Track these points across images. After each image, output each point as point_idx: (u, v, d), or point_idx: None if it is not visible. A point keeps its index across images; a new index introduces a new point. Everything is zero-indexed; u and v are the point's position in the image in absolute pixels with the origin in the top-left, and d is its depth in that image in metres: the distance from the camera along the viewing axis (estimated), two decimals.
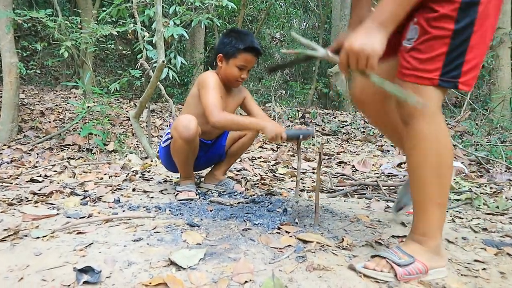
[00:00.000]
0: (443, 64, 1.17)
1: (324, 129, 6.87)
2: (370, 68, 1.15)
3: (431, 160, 1.23)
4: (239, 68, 2.21)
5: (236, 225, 1.62)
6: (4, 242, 1.43)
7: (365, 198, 2.35)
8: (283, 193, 2.34)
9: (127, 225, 1.63)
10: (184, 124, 2.10)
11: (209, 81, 2.17)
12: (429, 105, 1.19)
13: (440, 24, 1.15)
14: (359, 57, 1.14)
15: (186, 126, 2.08)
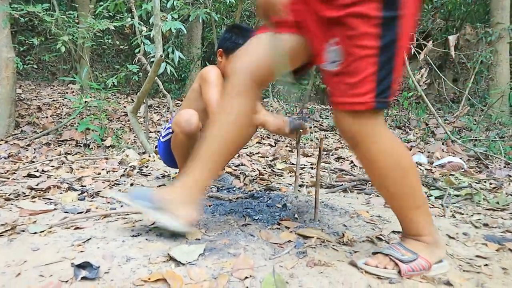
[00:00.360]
0: (375, 85, 1.10)
1: (322, 125, 6.86)
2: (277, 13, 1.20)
3: (393, 175, 1.20)
4: None
5: (235, 220, 1.60)
6: (1, 237, 1.41)
7: (365, 193, 2.34)
8: (282, 189, 2.33)
9: (125, 220, 1.61)
10: (186, 118, 2.08)
11: (211, 76, 2.15)
12: (372, 128, 1.16)
13: (364, 43, 1.08)
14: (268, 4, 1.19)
15: (188, 121, 2.07)
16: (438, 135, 5.85)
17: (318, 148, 1.61)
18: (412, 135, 6.01)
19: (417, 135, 5.99)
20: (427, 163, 3.91)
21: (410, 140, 5.67)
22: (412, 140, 5.65)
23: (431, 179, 2.79)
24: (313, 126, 6.59)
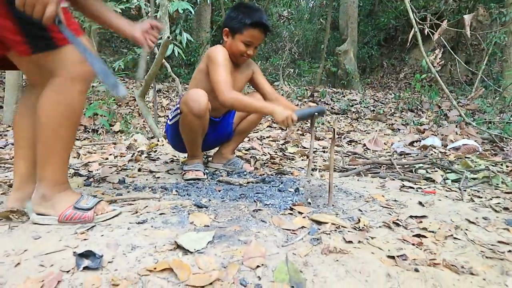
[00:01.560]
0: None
1: (333, 108, 6.73)
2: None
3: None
4: (245, 44, 2.11)
5: (246, 205, 1.53)
6: (3, 226, 1.36)
7: (379, 177, 2.25)
8: (294, 172, 2.25)
9: (131, 207, 1.56)
10: (195, 98, 2.00)
11: (218, 56, 2.07)
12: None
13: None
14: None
15: (197, 100, 1.99)
16: (451, 118, 5.71)
17: (332, 130, 1.52)
18: (425, 118, 5.86)
19: (430, 118, 5.84)
20: (441, 146, 3.79)
21: (423, 123, 5.53)
22: (425, 123, 5.52)
23: (446, 162, 2.69)
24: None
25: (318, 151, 3.59)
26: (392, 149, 3.61)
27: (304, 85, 8.75)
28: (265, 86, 2.38)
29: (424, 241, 1.28)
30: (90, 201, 1.42)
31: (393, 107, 6.81)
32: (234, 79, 2.20)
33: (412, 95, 7.14)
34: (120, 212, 1.46)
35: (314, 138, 4.26)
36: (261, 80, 2.38)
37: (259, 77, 2.37)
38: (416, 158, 2.77)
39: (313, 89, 7.77)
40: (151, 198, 1.68)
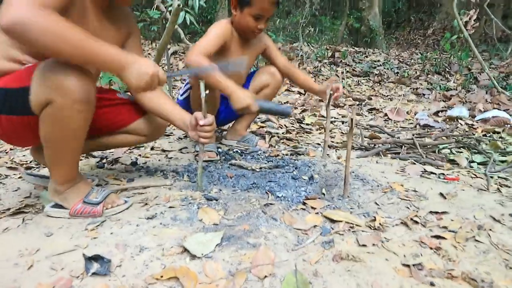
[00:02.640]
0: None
1: (354, 70, 6.50)
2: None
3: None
4: (255, 18, 1.98)
5: (257, 198, 1.49)
6: (17, 219, 1.37)
7: (399, 159, 2.17)
8: (309, 153, 2.18)
9: (141, 197, 1.54)
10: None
11: (211, 29, 1.99)
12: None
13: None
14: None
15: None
16: (481, 82, 5.42)
17: (350, 120, 1.43)
18: (453, 82, 5.60)
19: (458, 82, 5.58)
20: (469, 117, 3.62)
21: (450, 87, 5.29)
22: (452, 88, 5.27)
23: (473, 140, 2.56)
24: (345, 72, 6.25)
25: (337, 121, 3.49)
26: (416, 120, 3.47)
27: (325, 44, 8.43)
28: (278, 59, 2.31)
29: (443, 244, 1.22)
30: (100, 195, 1.41)
31: (419, 69, 6.53)
32: (242, 55, 2.11)
33: (440, 55, 6.80)
34: (130, 204, 1.45)
35: (333, 106, 4.16)
36: (274, 53, 2.29)
37: (272, 52, 2.28)
38: (439, 135, 2.64)
39: (334, 49, 7.49)
40: (162, 185, 1.66)
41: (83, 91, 1.16)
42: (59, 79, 1.12)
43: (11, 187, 1.71)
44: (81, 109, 1.19)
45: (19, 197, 1.60)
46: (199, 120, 1.44)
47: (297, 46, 7.51)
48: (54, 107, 1.17)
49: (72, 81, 1.13)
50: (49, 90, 1.14)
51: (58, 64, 1.13)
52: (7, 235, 1.27)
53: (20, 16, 0.99)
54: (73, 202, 1.39)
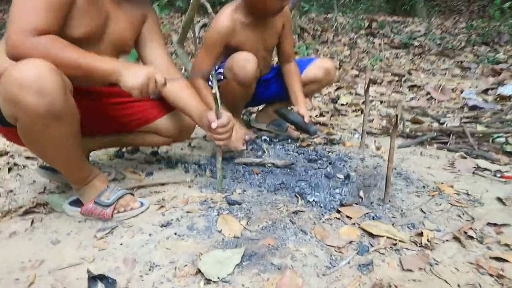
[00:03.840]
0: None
1: (393, 42, 6.08)
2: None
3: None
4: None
5: (285, 202, 1.32)
6: (26, 220, 1.27)
7: (447, 150, 1.92)
8: (345, 143, 1.97)
9: (158, 197, 1.40)
10: (241, 65, 1.74)
11: (206, 36, 1.82)
12: None
13: None
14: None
15: (244, 68, 1.73)
16: None
17: (395, 117, 1.22)
18: (503, 54, 5.12)
19: (509, 54, 5.09)
20: None
21: (500, 60, 4.83)
22: (503, 60, 4.81)
23: None
24: (382, 43, 5.86)
25: (375, 100, 3.22)
26: (462, 100, 3.16)
27: (361, 13, 7.95)
28: (286, 46, 2.02)
29: (506, 270, 1.02)
30: (113, 195, 1.28)
31: (464, 39, 6.03)
32: (259, 39, 1.87)
33: (488, 24, 6.24)
34: (147, 207, 1.32)
35: (371, 83, 3.87)
36: (285, 36, 1.99)
37: (284, 32, 1.98)
38: (492, 122, 2.35)
39: (370, 19, 7.03)
40: (182, 182, 1.52)
41: (43, 106, 0.98)
42: (15, 94, 0.97)
43: (27, 180, 1.63)
44: (46, 124, 1.03)
45: (34, 192, 1.51)
46: (211, 123, 1.27)
47: (331, 17, 7.10)
48: (20, 123, 1.04)
49: (28, 96, 0.96)
50: (9, 105, 1.01)
51: (16, 74, 0.96)
52: (14, 241, 1.18)
53: (15, 49, 1.02)
54: (87, 199, 1.28)
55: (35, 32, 1.02)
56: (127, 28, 1.34)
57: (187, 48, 5.00)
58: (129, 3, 1.35)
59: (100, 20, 1.23)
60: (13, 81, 0.96)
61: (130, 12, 1.35)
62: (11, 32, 1.02)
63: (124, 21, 1.32)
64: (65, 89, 1.04)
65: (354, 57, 5.36)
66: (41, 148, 1.13)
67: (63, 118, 1.04)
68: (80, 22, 1.16)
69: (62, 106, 1.02)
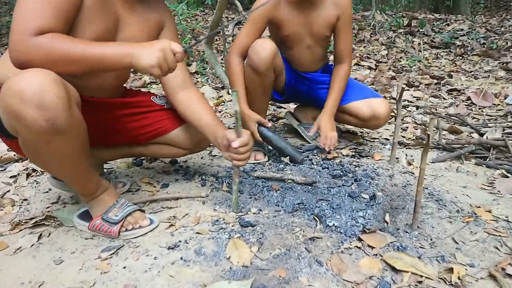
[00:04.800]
0: None
1: (433, 41, 5.79)
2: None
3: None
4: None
5: (302, 226, 1.23)
6: (34, 234, 1.24)
7: (486, 166, 1.75)
8: (374, 156, 1.84)
9: (169, 213, 1.34)
10: (257, 48, 1.65)
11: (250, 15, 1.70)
12: None
13: None
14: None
15: (258, 51, 1.65)
16: None
17: (426, 135, 1.10)
18: None
19: None
20: None
21: None
22: None
23: None
24: (422, 43, 5.58)
25: (410, 105, 3.05)
26: (506, 106, 2.93)
27: (401, 11, 7.63)
28: (339, 44, 1.85)
29: None
30: (121, 212, 1.23)
31: (511, 38, 5.65)
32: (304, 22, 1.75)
33: None
34: (156, 226, 1.26)
35: (407, 85, 3.67)
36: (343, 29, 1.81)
37: (341, 27, 1.80)
38: None
39: (410, 17, 6.73)
40: (196, 197, 1.45)
41: (43, 120, 0.92)
42: (15, 109, 0.91)
43: (43, 188, 1.62)
44: (48, 140, 0.97)
45: (47, 202, 1.50)
46: (231, 142, 1.20)
47: (369, 15, 6.86)
48: (21, 137, 1.00)
49: (28, 111, 0.91)
50: (10, 119, 0.96)
51: (16, 86, 0.91)
52: (17, 258, 1.15)
53: (17, 50, 0.97)
54: (96, 213, 1.24)
55: (38, 32, 0.97)
56: (141, 34, 1.28)
57: (218, 47, 4.96)
58: (144, 7, 1.29)
59: (110, 24, 1.17)
60: (13, 93, 0.91)
61: (145, 17, 1.29)
62: (13, 33, 0.97)
63: (138, 26, 1.27)
64: (69, 102, 0.98)
65: (391, 57, 5.14)
66: (44, 162, 1.10)
67: (66, 132, 0.99)
68: (88, 27, 1.10)
69: (64, 120, 0.96)
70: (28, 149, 1.04)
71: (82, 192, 1.22)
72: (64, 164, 1.09)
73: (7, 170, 1.77)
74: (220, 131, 1.26)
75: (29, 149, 1.04)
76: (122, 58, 1.03)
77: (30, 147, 1.03)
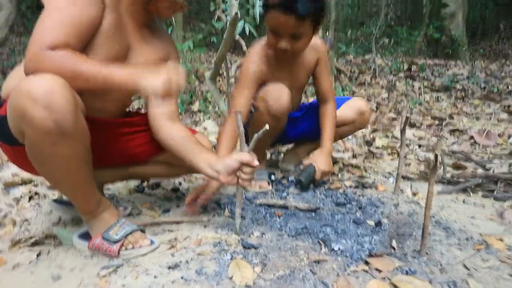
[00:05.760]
0: None
1: (433, 85, 5.89)
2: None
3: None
4: (273, 33, 1.59)
5: (307, 249, 1.19)
6: (33, 252, 1.21)
7: (494, 198, 1.73)
8: (378, 187, 1.82)
9: (170, 236, 1.31)
10: (276, 95, 1.69)
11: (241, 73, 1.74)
12: None
13: None
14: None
15: (278, 99, 1.68)
16: None
17: (434, 156, 1.09)
18: None
19: None
20: None
21: None
22: None
23: None
24: (422, 87, 5.68)
25: (413, 144, 3.05)
26: (510, 146, 2.93)
27: (400, 56, 7.84)
28: (322, 85, 1.91)
29: None
30: (122, 231, 1.20)
31: (511, 83, 5.75)
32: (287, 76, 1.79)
33: None
34: (157, 246, 1.23)
35: (409, 126, 3.70)
36: (320, 72, 1.89)
37: (319, 69, 1.88)
38: None
39: (410, 62, 6.90)
40: (198, 221, 1.42)
41: (51, 121, 0.94)
42: (24, 108, 0.94)
43: (45, 210, 1.60)
44: (54, 141, 0.98)
45: (48, 223, 1.47)
46: (245, 161, 1.22)
47: (369, 59, 7.05)
48: (27, 139, 1.00)
49: (36, 110, 0.93)
50: (17, 120, 0.97)
51: (26, 87, 0.94)
52: (15, 274, 1.12)
53: (31, 62, 1.00)
54: (96, 232, 1.21)
55: (53, 46, 1.01)
56: (150, 63, 1.32)
57: (219, 86, 5.06)
58: (154, 39, 1.36)
59: (121, 50, 1.22)
60: (23, 93, 0.94)
61: (154, 48, 1.35)
62: (30, 45, 1.01)
63: (146, 56, 1.32)
64: (76, 108, 1.00)
65: (392, 99, 5.22)
66: (48, 168, 1.08)
67: (72, 136, 1.00)
68: (101, 50, 1.15)
69: (71, 123, 0.98)
70: (33, 152, 1.04)
71: (84, 208, 1.20)
72: (68, 171, 1.07)
73: (11, 193, 1.76)
74: (213, 158, 1.28)
75: (34, 153, 1.04)
76: (128, 81, 1.06)
77: (36, 150, 1.03)
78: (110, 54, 1.17)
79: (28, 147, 1.03)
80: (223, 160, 1.26)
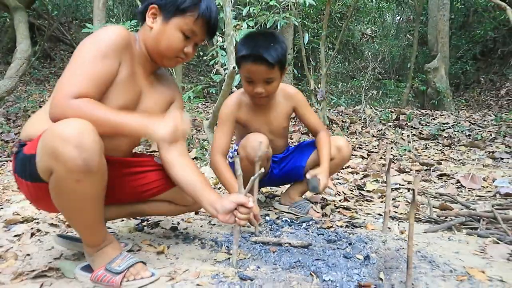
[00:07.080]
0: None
1: (421, 133, 6.11)
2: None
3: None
4: (247, 81, 1.85)
5: (299, 281, 1.26)
6: (35, 283, 1.26)
7: (478, 236, 1.82)
8: (368, 226, 1.91)
9: (170, 269, 1.37)
10: (254, 145, 1.84)
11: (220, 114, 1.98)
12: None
13: None
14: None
15: (255, 148, 1.82)
16: None
17: (412, 191, 1.20)
18: None
19: None
20: None
21: None
22: None
23: None
24: (411, 135, 5.89)
25: (402, 188, 3.16)
26: (494, 188, 3.05)
27: (389, 107, 8.15)
28: (308, 118, 2.11)
29: None
30: (124, 263, 1.27)
31: (494, 131, 5.99)
32: (263, 121, 2.01)
33: None
34: (157, 278, 1.29)
35: (398, 171, 3.83)
36: (303, 111, 2.11)
37: (301, 109, 2.09)
38: None
39: (398, 112, 7.18)
40: (196, 257, 1.49)
41: (80, 159, 1.06)
42: (56, 146, 1.06)
43: (46, 246, 1.65)
44: (79, 178, 1.09)
45: (50, 257, 1.52)
46: (240, 202, 1.34)
47: (359, 109, 7.32)
48: (54, 176, 1.11)
49: (68, 149, 1.05)
50: (47, 157, 1.09)
51: (59, 129, 1.07)
52: None
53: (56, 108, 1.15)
54: (98, 265, 1.27)
55: (77, 95, 1.16)
56: (157, 106, 1.49)
57: None
58: (161, 84, 1.54)
59: (134, 96, 1.39)
60: (55, 134, 1.07)
61: (161, 92, 1.52)
62: (56, 93, 1.17)
63: (155, 99, 1.49)
64: (101, 149, 1.13)
65: (382, 147, 5.39)
66: (67, 201, 1.17)
67: (96, 175, 1.12)
68: (117, 97, 1.31)
69: (97, 163, 1.10)
70: (57, 188, 1.13)
71: (90, 241, 1.27)
72: (85, 207, 1.18)
73: (12, 230, 1.81)
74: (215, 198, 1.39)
75: (58, 188, 1.13)
76: (139, 129, 1.22)
77: (60, 186, 1.12)
78: (124, 100, 1.33)
79: (53, 182, 1.13)
80: (222, 200, 1.37)
